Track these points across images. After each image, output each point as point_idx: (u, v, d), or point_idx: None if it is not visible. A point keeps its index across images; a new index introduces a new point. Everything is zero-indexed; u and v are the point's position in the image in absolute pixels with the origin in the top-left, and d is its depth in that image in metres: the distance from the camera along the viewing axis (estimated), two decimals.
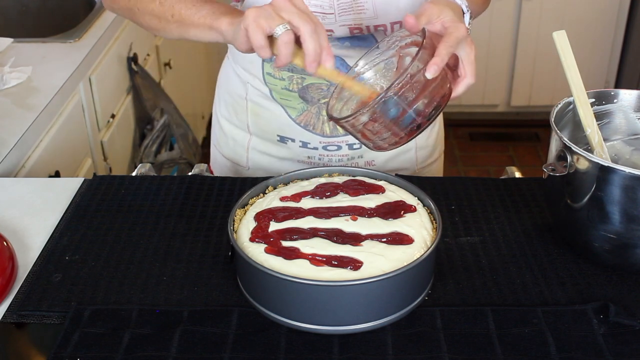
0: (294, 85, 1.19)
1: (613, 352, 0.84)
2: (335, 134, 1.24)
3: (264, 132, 1.29)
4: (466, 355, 0.84)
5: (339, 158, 1.28)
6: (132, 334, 0.87)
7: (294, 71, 1.17)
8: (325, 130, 1.24)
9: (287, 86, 1.19)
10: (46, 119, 1.56)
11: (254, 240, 0.92)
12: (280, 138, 1.27)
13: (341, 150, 1.26)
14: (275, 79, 1.20)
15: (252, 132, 1.30)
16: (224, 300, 0.93)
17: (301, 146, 1.27)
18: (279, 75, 1.19)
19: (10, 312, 0.92)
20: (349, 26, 1.12)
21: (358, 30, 1.12)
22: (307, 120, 1.23)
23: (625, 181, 0.89)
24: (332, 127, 1.23)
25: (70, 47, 1.83)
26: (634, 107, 1.06)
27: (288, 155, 1.29)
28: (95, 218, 1.10)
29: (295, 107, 1.22)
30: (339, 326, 0.87)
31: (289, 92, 1.20)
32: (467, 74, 0.95)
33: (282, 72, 1.18)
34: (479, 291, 0.94)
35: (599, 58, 3.39)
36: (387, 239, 0.92)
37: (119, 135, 2.07)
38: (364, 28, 1.12)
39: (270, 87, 1.22)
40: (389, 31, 1.13)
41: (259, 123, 1.28)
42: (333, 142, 1.25)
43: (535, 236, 1.05)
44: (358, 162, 1.29)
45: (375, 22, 1.11)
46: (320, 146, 1.26)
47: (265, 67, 1.20)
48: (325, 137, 1.24)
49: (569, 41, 0.99)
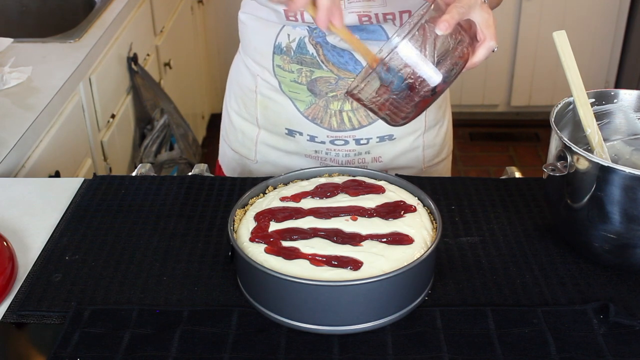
0: (303, 78, 1.20)
1: (613, 352, 0.84)
2: (342, 128, 1.24)
3: (273, 125, 1.29)
4: (466, 355, 0.84)
5: (345, 153, 1.27)
6: (132, 334, 0.87)
7: (303, 64, 1.18)
8: (332, 124, 1.24)
9: (296, 79, 1.20)
10: (46, 119, 1.56)
11: (254, 240, 0.92)
12: (289, 131, 1.28)
13: (348, 145, 1.27)
14: (284, 72, 1.21)
15: (261, 126, 1.31)
16: (224, 300, 0.93)
17: (309, 140, 1.27)
18: (288, 67, 1.20)
19: (10, 312, 0.92)
20: (357, 13, 1.12)
21: (367, 17, 1.12)
22: (315, 114, 1.23)
23: (625, 181, 0.89)
24: (339, 121, 1.23)
25: (70, 47, 1.83)
26: (634, 107, 1.06)
27: (296, 149, 1.29)
28: (95, 218, 1.10)
29: (304, 100, 1.23)
30: (339, 326, 0.87)
31: (298, 84, 1.21)
32: (487, 37, 0.93)
33: (291, 64, 1.19)
34: (479, 291, 0.94)
35: (599, 58, 3.39)
36: (387, 239, 0.92)
37: (119, 135, 2.07)
38: (372, 16, 1.12)
39: (280, 79, 1.23)
40: (397, 20, 1.13)
41: (268, 116, 1.29)
42: (340, 137, 1.26)
43: (535, 236, 1.05)
44: (365, 157, 1.29)
45: (384, 10, 1.11)
46: (327, 140, 1.26)
47: (275, 59, 1.21)
48: (332, 130, 1.25)
49: (569, 41, 0.99)
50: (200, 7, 3.24)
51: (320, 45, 1.16)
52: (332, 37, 1.15)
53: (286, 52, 1.19)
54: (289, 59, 1.19)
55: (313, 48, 1.17)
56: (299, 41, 1.17)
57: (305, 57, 1.18)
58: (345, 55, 1.17)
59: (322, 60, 1.17)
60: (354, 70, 1.18)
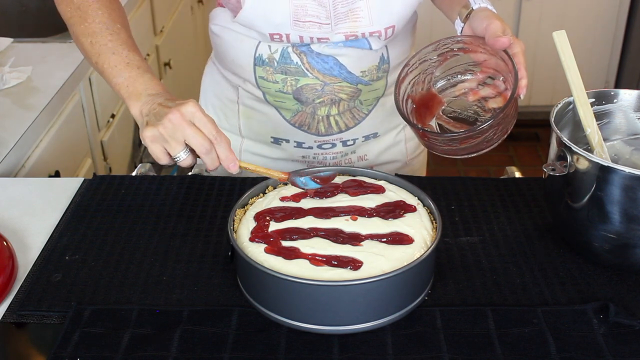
0: (288, 87, 1.18)
1: (613, 352, 0.84)
2: (330, 132, 1.24)
3: (257, 134, 1.28)
4: (466, 355, 0.84)
5: (333, 155, 1.28)
6: (132, 334, 0.87)
7: (287, 73, 1.17)
8: (320, 129, 1.24)
9: (282, 88, 1.19)
10: (46, 119, 1.56)
11: (254, 240, 0.92)
12: (274, 139, 1.27)
13: (335, 147, 1.27)
14: (268, 82, 1.19)
15: (245, 135, 1.30)
16: (224, 300, 0.93)
17: (296, 146, 1.27)
18: (272, 78, 1.18)
19: (10, 312, 0.92)
20: (344, 34, 1.12)
21: (353, 36, 1.13)
22: (301, 121, 1.23)
23: (625, 181, 0.89)
24: (327, 125, 1.23)
25: (70, 47, 1.83)
26: (634, 107, 1.06)
27: (282, 155, 1.29)
28: (95, 218, 1.10)
29: (290, 109, 1.22)
30: (339, 326, 0.87)
31: (284, 94, 1.20)
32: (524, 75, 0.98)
33: (275, 75, 1.18)
34: (479, 291, 0.94)
35: (599, 58, 3.39)
36: (387, 239, 0.92)
37: (119, 135, 2.07)
38: (359, 35, 1.12)
39: (264, 90, 1.21)
40: (382, 36, 1.13)
41: (252, 126, 1.28)
42: (328, 141, 1.25)
43: (535, 236, 1.05)
44: (351, 157, 1.29)
45: (370, 29, 1.12)
46: (315, 145, 1.26)
47: (257, 71, 1.19)
48: (320, 135, 1.24)
49: (569, 41, 0.99)
50: (200, 7, 3.24)
51: (305, 54, 1.15)
52: (316, 45, 1.14)
53: (269, 63, 1.17)
54: (272, 70, 1.17)
55: (297, 57, 1.15)
56: (282, 51, 1.15)
57: (289, 67, 1.16)
58: (329, 60, 1.16)
59: (306, 68, 1.16)
60: (339, 75, 1.17)
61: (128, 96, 0.98)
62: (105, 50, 1.01)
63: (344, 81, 1.18)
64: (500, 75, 1.01)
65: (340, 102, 1.20)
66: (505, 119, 0.95)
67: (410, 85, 1.04)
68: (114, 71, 1.00)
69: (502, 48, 0.98)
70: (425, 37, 2.08)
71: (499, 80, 1.02)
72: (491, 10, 1.06)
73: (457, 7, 1.10)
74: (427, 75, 1.05)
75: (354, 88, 1.19)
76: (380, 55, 1.19)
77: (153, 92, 0.97)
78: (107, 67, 1.00)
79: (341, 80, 1.17)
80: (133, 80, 0.98)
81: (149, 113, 0.93)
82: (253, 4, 1.09)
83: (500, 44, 0.97)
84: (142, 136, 0.92)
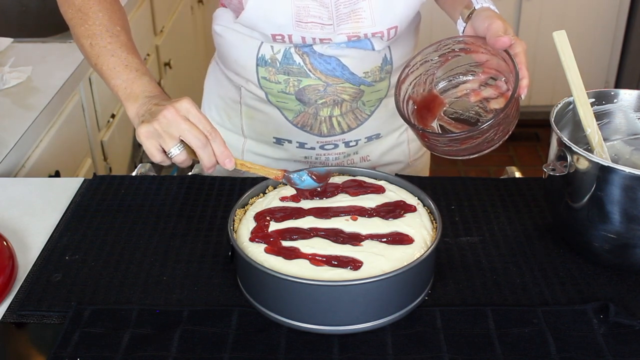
0: (291, 88, 1.18)
1: (613, 352, 0.84)
2: (332, 133, 1.24)
3: (260, 134, 1.28)
4: (466, 355, 0.84)
5: (335, 156, 1.28)
6: (132, 334, 0.87)
7: (290, 74, 1.17)
8: (322, 130, 1.24)
9: (284, 89, 1.19)
10: (46, 119, 1.56)
11: (254, 240, 0.92)
12: (277, 140, 1.27)
13: (338, 148, 1.27)
14: (271, 83, 1.19)
15: (247, 135, 1.30)
16: (224, 300, 0.93)
17: (298, 147, 1.26)
18: (274, 79, 1.19)
19: (10, 312, 0.92)
20: (347, 34, 1.12)
21: (356, 37, 1.13)
22: (304, 122, 1.23)
23: (625, 181, 0.89)
24: (329, 126, 1.23)
25: (70, 47, 1.83)
26: (634, 107, 1.06)
27: (285, 156, 1.29)
28: (95, 218, 1.10)
29: (292, 109, 1.22)
30: (338, 326, 0.87)
31: (286, 94, 1.20)
32: (526, 75, 0.99)
33: (277, 75, 1.18)
34: (479, 291, 0.94)
35: (599, 58, 3.39)
36: (387, 239, 0.92)
37: (119, 135, 2.07)
38: (361, 35, 1.12)
39: (266, 90, 1.21)
40: (385, 37, 1.13)
41: (254, 126, 1.28)
42: (330, 141, 1.25)
43: (535, 236, 1.05)
44: (354, 158, 1.29)
45: (373, 30, 1.12)
46: (317, 146, 1.26)
47: (260, 71, 1.19)
48: (322, 136, 1.24)
49: (569, 41, 0.99)
50: (200, 7, 3.24)
51: (307, 55, 1.15)
52: (319, 46, 1.15)
53: (271, 64, 1.17)
54: (275, 70, 1.18)
55: (300, 58, 1.15)
56: (284, 52, 1.16)
57: (292, 68, 1.16)
58: (332, 61, 1.16)
59: (309, 69, 1.16)
60: (342, 76, 1.17)
61: (126, 98, 0.98)
62: (104, 52, 1.02)
63: (347, 82, 1.18)
64: (502, 76, 1.01)
65: (343, 103, 1.20)
66: (506, 119, 0.95)
67: (412, 86, 1.04)
68: (112, 73, 1.00)
69: (503, 48, 0.98)
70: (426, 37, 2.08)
71: (500, 81, 1.02)
72: (493, 10, 1.06)
73: (459, 7, 1.10)
74: (429, 76, 1.05)
75: (357, 89, 1.19)
76: (383, 56, 1.18)
77: (150, 95, 0.97)
78: (106, 68, 1.01)
79: (344, 81, 1.17)
80: (131, 83, 0.99)
81: (145, 113, 0.94)
82: (255, 5, 1.09)
83: (501, 43, 0.97)
84: (137, 133, 0.93)
